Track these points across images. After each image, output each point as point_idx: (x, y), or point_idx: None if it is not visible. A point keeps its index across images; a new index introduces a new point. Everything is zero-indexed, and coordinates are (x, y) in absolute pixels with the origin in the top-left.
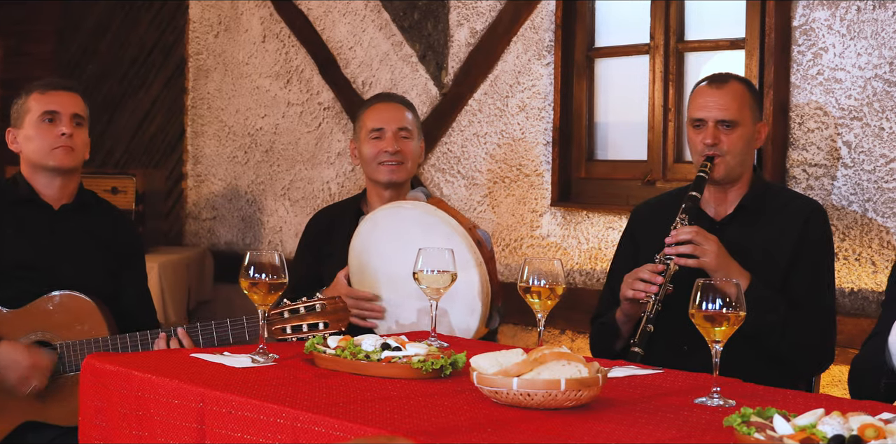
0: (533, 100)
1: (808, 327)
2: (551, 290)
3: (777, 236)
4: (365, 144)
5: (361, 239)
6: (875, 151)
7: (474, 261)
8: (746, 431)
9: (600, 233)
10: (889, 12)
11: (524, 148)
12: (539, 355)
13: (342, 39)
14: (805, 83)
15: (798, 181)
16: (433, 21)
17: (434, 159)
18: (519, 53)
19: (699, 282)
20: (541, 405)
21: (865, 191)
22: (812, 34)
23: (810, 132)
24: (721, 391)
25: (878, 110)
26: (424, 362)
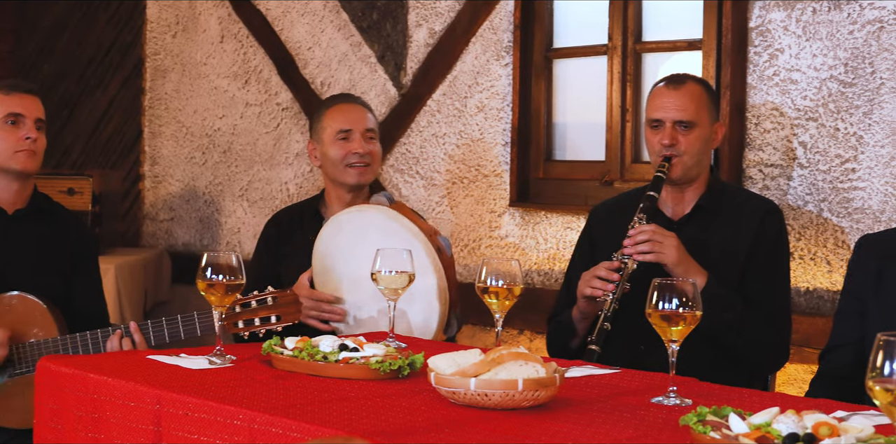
0: (491, 100)
1: (764, 326)
2: (509, 290)
3: (733, 236)
4: (331, 146)
5: (325, 242)
6: (830, 152)
7: (433, 267)
8: (702, 430)
9: (559, 233)
10: (844, 14)
11: (483, 148)
12: (497, 356)
13: (301, 40)
14: (761, 84)
15: (754, 181)
16: (392, 21)
17: (393, 160)
18: (477, 54)
19: (656, 281)
20: (498, 405)
21: (821, 191)
22: (768, 35)
23: (766, 133)
24: (678, 391)
25: (833, 111)
26: (382, 363)
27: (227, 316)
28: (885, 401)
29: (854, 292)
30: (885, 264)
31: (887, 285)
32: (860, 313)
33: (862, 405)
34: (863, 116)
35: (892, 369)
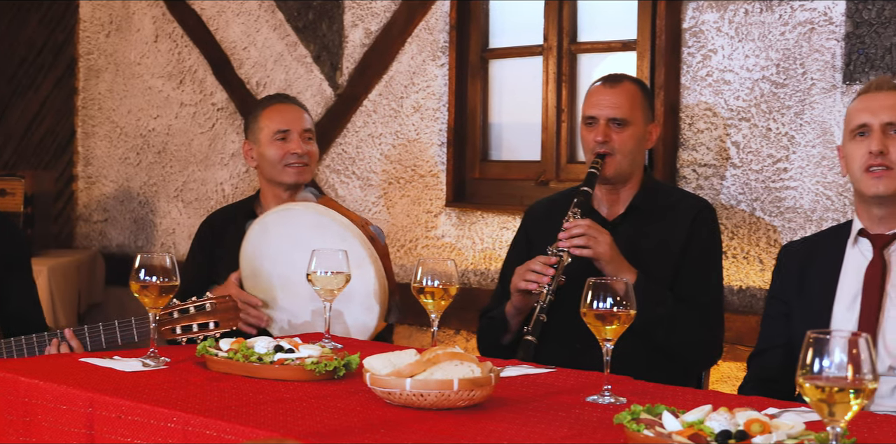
0: (427, 101)
1: (697, 323)
2: (445, 290)
3: (668, 235)
4: (269, 146)
5: (252, 243)
6: (763, 152)
7: (369, 258)
8: (636, 428)
9: (495, 233)
10: (776, 15)
11: (419, 149)
12: (432, 356)
13: (236, 39)
14: (695, 84)
15: (688, 181)
16: (328, 22)
17: (329, 160)
18: (413, 54)
19: (590, 281)
20: (434, 405)
21: (753, 190)
22: (701, 36)
23: (700, 133)
24: (612, 389)
25: (765, 111)
26: (318, 364)
27: (165, 322)
28: (814, 398)
29: (779, 297)
30: (806, 269)
31: (809, 288)
32: (786, 315)
33: (793, 402)
34: (794, 117)
35: (821, 366)
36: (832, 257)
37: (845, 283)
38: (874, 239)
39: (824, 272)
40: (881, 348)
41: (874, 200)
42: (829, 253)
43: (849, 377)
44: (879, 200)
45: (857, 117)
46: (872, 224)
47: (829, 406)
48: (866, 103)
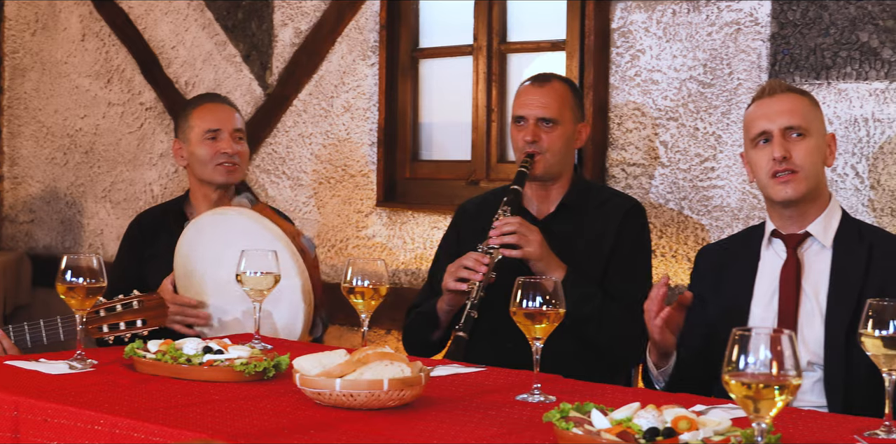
0: (358, 100)
1: (626, 320)
2: (375, 290)
3: (597, 233)
4: (199, 146)
5: (186, 245)
6: (690, 151)
7: (297, 269)
8: (565, 426)
9: (425, 233)
10: (703, 16)
11: (349, 148)
12: (362, 356)
13: (164, 39)
14: (623, 84)
15: (617, 180)
16: (257, 21)
17: (259, 160)
18: (344, 54)
19: (519, 280)
20: (364, 405)
21: (681, 189)
22: (630, 36)
23: (629, 132)
24: (542, 388)
25: (692, 111)
26: (247, 365)
27: (92, 320)
28: (740, 394)
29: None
30: (723, 271)
31: (726, 290)
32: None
33: (721, 399)
34: (721, 116)
35: (746, 362)
36: (747, 258)
37: (761, 283)
38: (787, 239)
39: (740, 274)
40: (800, 345)
41: (784, 203)
42: (744, 255)
43: (773, 373)
44: (789, 203)
45: (756, 125)
46: (784, 225)
47: (755, 403)
48: (763, 110)
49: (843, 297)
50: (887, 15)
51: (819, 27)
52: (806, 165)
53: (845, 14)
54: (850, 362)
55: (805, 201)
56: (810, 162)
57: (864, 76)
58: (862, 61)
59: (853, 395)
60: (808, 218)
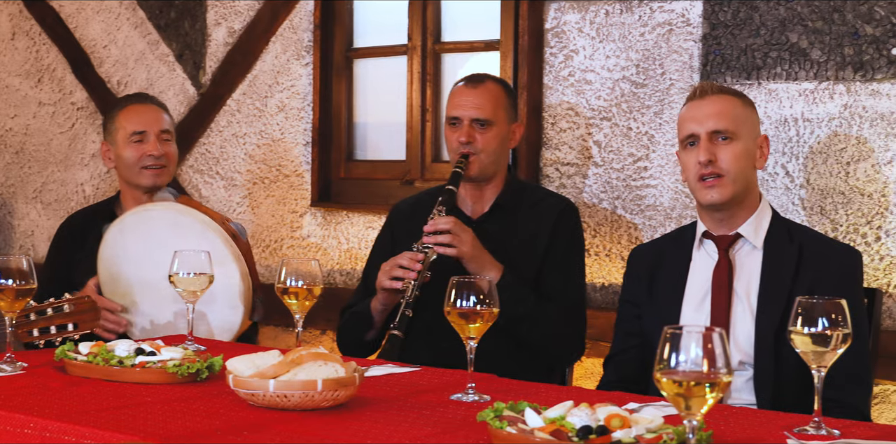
0: (292, 100)
1: (560, 319)
2: (309, 290)
3: (531, 233)
4: (125, 148)
5: (109, 247)
6: (624, 151)
7: (232, 255)
8: (499, 425)
9: (360, 233)
10: (636, 16)
11: (283, 148)
12: (296, 357)
13: (96, 38)
14: (557, 84)
15: (551, 180)
16: (190, 20)
17: (192, 160)
18: (278, 53)
19: (453, 280)
20: (298, 406)
21: (615, 189)
22: (564, 37)
23: (562, 132)
24: (476, 387)
25: (625, 111)
26: (180, 367)
27: (22, 324)
28: (671, 392)
29: (630, 300)
30: (655, 271)
31: (658, 291)
32: (638, 317)
33: (653, 397)
34: (654, 116)
35: (677, 360)
36: (679, 259)
37: (693, 284)
38: (718, 240)
39: (672, 274)
40: (732, 344)
41: (711, 207)
42: (675, 255)
43: (704, 370)
44: (716, 207)
45: (686, 127)
46: (715, 226)
47: (686, 400)
48: (692, 112)
49: (774, 297)
50: (816, 16)
51: (750, 28)
52: (732, 169)
53: (775, 15)
54: (779, 361)
55: (733, 204)
56: (737, 166)
57: (794, 77)
58: (792, 62)
59: (783, 392)
60: (739, 220)
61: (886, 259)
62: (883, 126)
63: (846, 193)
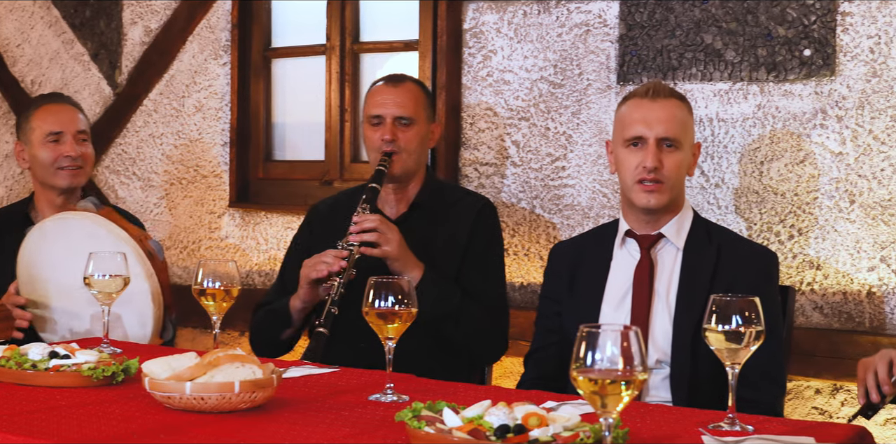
0: (210, 100)
1: (483, 317)
2: (226, 292)
3: (450, 232)
4: (41, 148)
5: (29, 250)
6: (542, 151)
7: (144, 273)
8: (417, 425)
9: (279, 233)
10: (553, 17)
11: (201, 149)
12: (213, 358)
13: (9, 36)
14: (476, 84)
15: (470, 180)
16: (106, 19)
17: (108, 161)
18: (195, 53)
19: (371, 280)
20: (215, 408)
21: (533, 188)
22: (482, 37)
23: (481, 132)
24: (395, 387)
25: (543, 111)
26: (95, 370)
27: None
28: (588, 390)
29: (550, 296)
30: (576, 269)
31: (578, 288)
32: (557, 314)
33: (572, 395)
34: (571, 116)
35: (593, 359)
36: (600, 256)
37: (613, 282)
38: (641, 240)
39: (593, 272)
40: (650, 343)
41: (644, 210)
42: (597, 253)
43: (620, 368)
44: (649, 211)
45: (633, 128)
46: (639, 226)
47: (602, 398)
48: (642, 113)
49: (692, 296)
50: (730, 18)
51: (665, 29)
52: (672, 176)
53: (690, 16)
54: (696, 359)
55: (664, 208)
56: (677, 174)
57: (709, 77)
58: (707, 63)
59: (699, 390)
60: (663, 220)
61: (799, 258)
62: (795, 126)
63: (760, 192)
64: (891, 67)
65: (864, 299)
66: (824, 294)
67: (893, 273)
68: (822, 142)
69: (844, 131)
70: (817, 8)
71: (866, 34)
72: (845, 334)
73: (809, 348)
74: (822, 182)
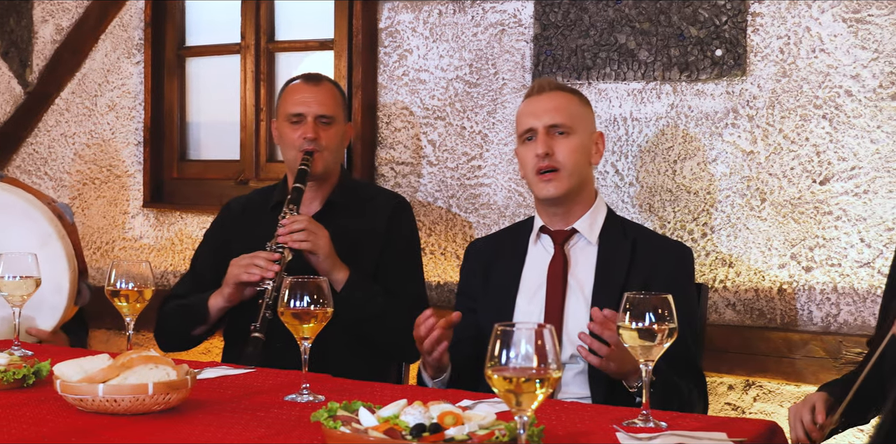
0: (123, 99)
1: (404, 314)
2: (139, 293)
3: (365, 231)
4: None
5: None
6: (458, 150)
7: (56, 233)
8: (333, 425)
9: (194, 233)
10: (468, 16)
11: (114, 148)
12: (126, 360)
13: None
14: (392, 84)
15: (387, 179)
16: (16, 16)
17: (19, 161)
18: (108, 51)
19: (287, 280)
20: (128, 410)
21: (449, 188)
22: (398, 36)
23: (397, 131)
24: (311, 387)
25: (459, 110)
26: (5, 373)
27: None
28: (502, 389)
29: (466, 293)
30: (491, 264)
31: (494, 284)
32: (472, 310)
33: (487, 394)
34: (487, 115)
35: (508, 357)
36: (516, 253)
37: (528, 278)
38: (554, 235)
39: (508, 268)
40: (564, 338)
41: (548, 201)
42: (512, 249)
43: (534, 366)
44: (552, 200)
45: (524, 122)
46: (551, 221)
47: (517, 396)
48: (531, 107)
49: (608, 291)
50: (644, 18)
51: (580, 29)
52: (568, 163)
53: (604, 17)
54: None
55: (569, 199)
56: (573, 160)
57: (623, 77)
58: (620, 62)
59: (616, 385)
60: (575, 215)
61: (712, 255)
62: (708, 125)
63: (673, 190)
64: (800, 67)
65: (776, 296)
66: (736, 291)
67: (804, 270)
68: (733, 141)
69: (755, 130)
70: (728, 8)
71: (776, 34)
72: (757, 331)
73: (722, 345)
74: (734, 181)
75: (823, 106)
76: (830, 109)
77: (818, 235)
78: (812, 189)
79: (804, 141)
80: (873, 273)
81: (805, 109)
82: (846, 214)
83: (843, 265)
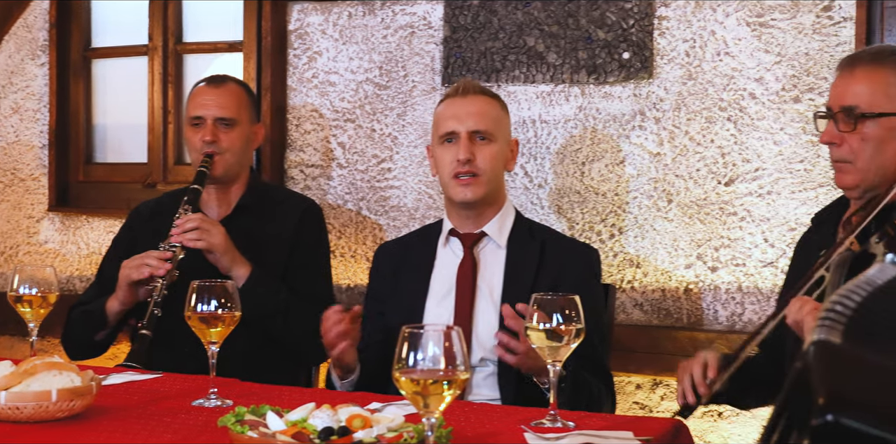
0: (27, 101)
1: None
2: (43, 298)
3: (276, 231)
4: None
5: None
6: (368, 152)
7: None
8: (240, 429)
9: (101, 237)
10: (378, 19)
11: (18, 151)
12: (29, 366)
13: None
14: (301, 86)
15: (296, 182)
16: None
17: None
18: (11, 53)
19: (194, 284)
20: (31, 417)
21: (359, 190)
22: (307, 38)
23: (307, 134)
24: (218, 392)
25: (369, 113)
26: None
27: None
28: (410, 391)
29: (375, 296)
30: (400, 267)
31: (403, 287)
32: (381, 314)
33: (396, 396)
34: (397, 118)
35: (416, 359)
36: (425, 255)
37: (437, 280)
38: (464, 238)
39: (417, 271)
40: (474, 341)
41: (462, 204)
42: (421, 252)
43: (441, 368)
44: (467, 204)
45: (445, 124)
46: (461, 224)
47: (424, 398)
48: (453, 110)
49: (517, 294)
50: (552, 21)
51: (489, 31)
52: (487, 169)
53: (513, 19)
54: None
55: (483, 203)
56: (492, 166)
57: (532, 79)
58: (529, 65)
59: (525, 387)
60: (485, 218)
61: (620, 256)
62: (615, 127)
63: (582, 192)
64: (705, 70)
65: (682, 296)
66: (644, 291)
67: (709, 270)
68: (640, 143)
69: (662, 132)
70: (635, 12)
71: (682, 38)
72: (664, 330)
73: (630, 345)
74: (641, 182)
75: (728, 108)
76: (735, 112)
77: (723, 235)
78: (717, 190)
79: (709, 143)
80: (777, 273)
81: (710, 112)
82: (750, 215)
83: (748, 265)
